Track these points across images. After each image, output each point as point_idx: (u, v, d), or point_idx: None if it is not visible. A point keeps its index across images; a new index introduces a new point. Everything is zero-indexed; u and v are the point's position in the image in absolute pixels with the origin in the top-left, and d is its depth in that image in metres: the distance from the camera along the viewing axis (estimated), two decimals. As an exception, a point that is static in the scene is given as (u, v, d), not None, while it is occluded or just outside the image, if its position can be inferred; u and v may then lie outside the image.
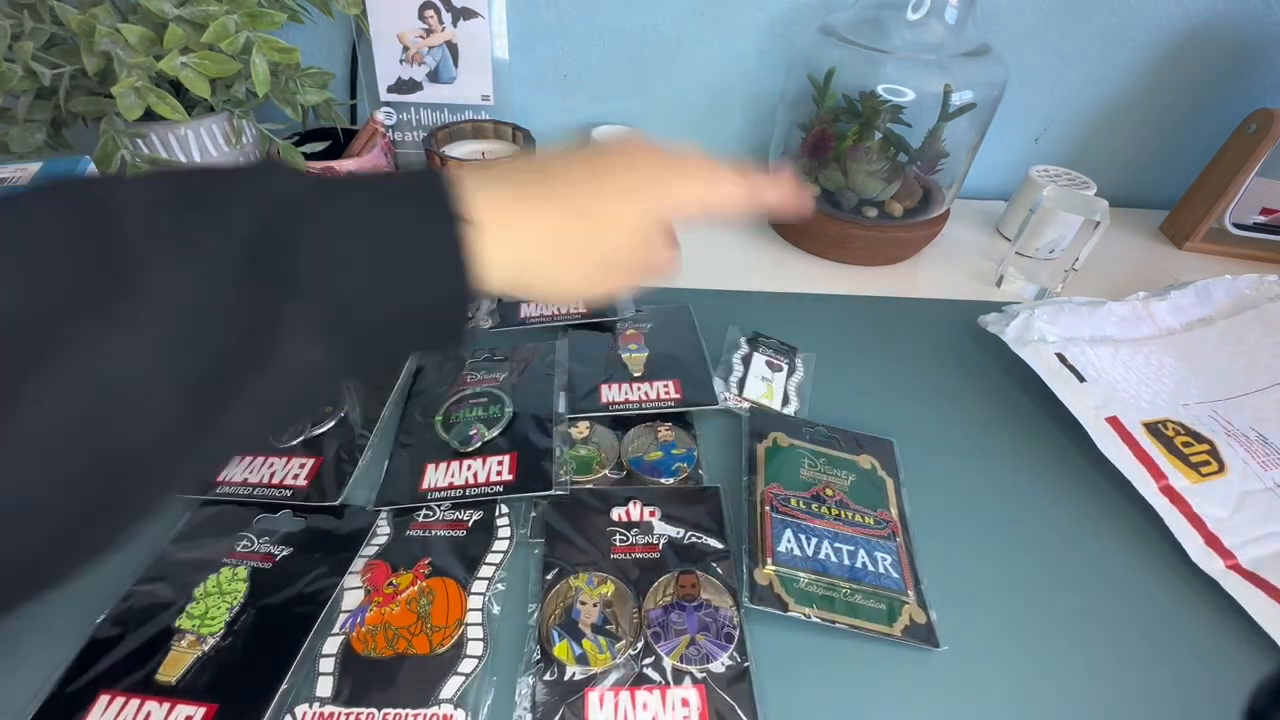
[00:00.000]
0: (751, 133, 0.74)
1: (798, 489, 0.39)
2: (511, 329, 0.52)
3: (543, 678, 0.31)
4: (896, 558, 0.36)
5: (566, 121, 0.73)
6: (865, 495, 0.39)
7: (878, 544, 0.37)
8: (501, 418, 0.43)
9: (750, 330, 0.51)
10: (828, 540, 0.36)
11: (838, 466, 0.41)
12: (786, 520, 0.37)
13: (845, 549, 0.36)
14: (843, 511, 0.38)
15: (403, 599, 0.34)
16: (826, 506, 0.38)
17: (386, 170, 0.61)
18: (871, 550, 0.36)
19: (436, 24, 0.64)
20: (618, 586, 0.34)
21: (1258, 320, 0.51)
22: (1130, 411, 0.45)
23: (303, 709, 0.29)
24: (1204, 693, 0.33)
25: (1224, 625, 0.35)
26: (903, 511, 0.40)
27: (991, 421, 0.47)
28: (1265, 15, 0.64)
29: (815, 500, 0.38)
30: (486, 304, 0.54)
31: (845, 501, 0.39)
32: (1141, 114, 0.72)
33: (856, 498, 0.39)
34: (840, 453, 0.42)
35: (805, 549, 0.36)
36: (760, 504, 0.38)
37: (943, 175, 0.60)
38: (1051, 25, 0.66)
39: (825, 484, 0.39)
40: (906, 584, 0.35)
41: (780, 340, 0.51)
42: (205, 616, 0.32)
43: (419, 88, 0.67)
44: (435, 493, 0.38)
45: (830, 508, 0.38)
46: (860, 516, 0.38)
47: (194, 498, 0.38)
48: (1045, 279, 0.59)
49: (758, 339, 0.50)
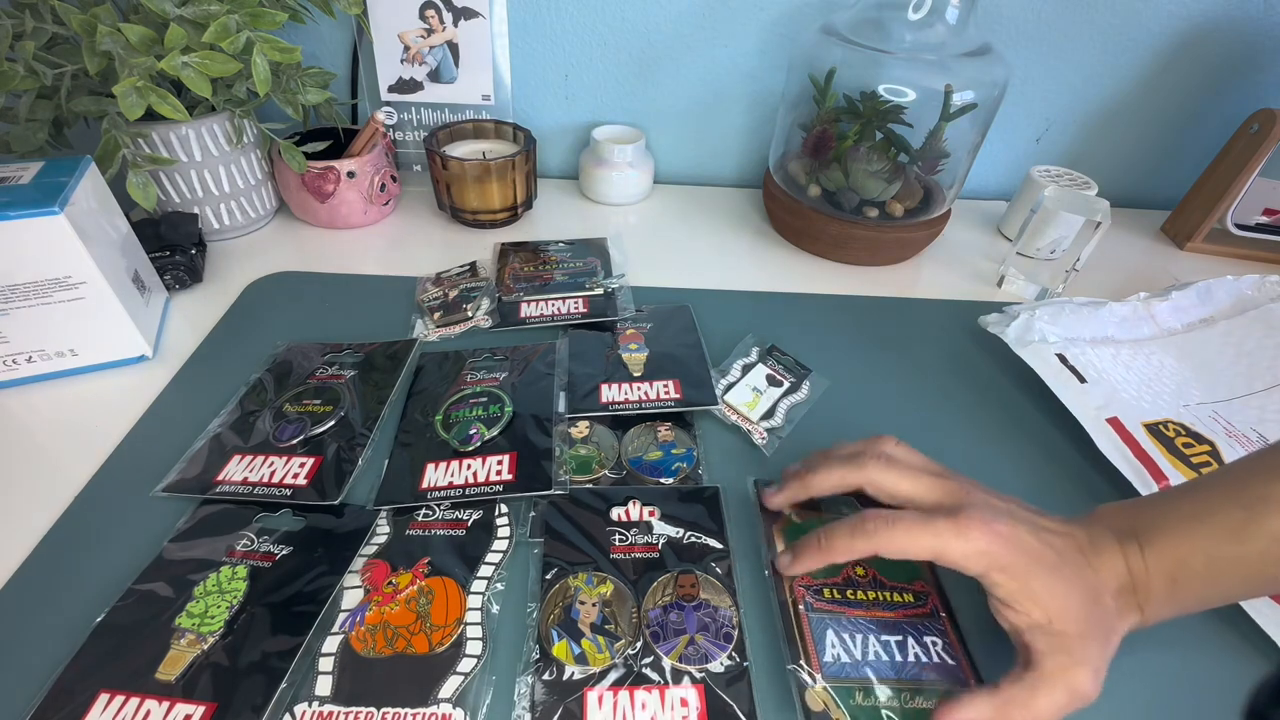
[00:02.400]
0: (752, 133, 0.74)
1: (828, 574, 0.36)
2: (511, 329, 0.52)
3: (542, 677, 0.31)
4: (946, 640, 0.33)
5: (567, 121, 0.73)
6: (895, 563, 0.36)
7: (924, 625, 0.34)
8: (501, 417, 0.43)
9: (769, 342, 0.50)
10: (873, 635, 0.33)
11: None
12: (825, 619, 0.34)
13: (893, 640, 0.33)
14: (879, 594, 0.35)
15: (402, 598, 0.34)
16: (861, 591, 0.35)
17: None
18: (921, 635, 0.33)
19: (437, 24, 0.64)
20: (617, 586, 0.34)
21: (1259, 321, 0.51)
22: (1131, 412, 0.45)
23: (302, 708, 0.29)
24: (1204, 693, 0.33)
25: (1224, 625, 0.35)
26: (936, 576, 0.37)
27: (992, 422, 0.47)
28: (1267, 15, 0.64)
29: (848, 586, 0.35)
30: (487, 304, 0.54)
31: (879, 580, 0.36)
32: (1143, 114, 0.72)
33: (888, 572, 0.36)
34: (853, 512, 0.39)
35: (852, 651, 0.32)
36: (792, 602, 0.34)
37: (944, 175, 0.60)
38: (1053, 25, 0.66)
39: (853, 561, 0.36)
40: (964, 671, 0.32)
41: (796, 359, 0.49)
42: (205, 615, 0.32)
43: (420, 87, 0.67)
44: (435, 492, 0.39)
45: (865, 591, 0.35)
46: (898, 595, 0.35)
47: (194, 496, 0.38)
48: (1046, 279, 0.59)
49: (771, 352, 0.50)
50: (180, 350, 0.49)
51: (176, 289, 0.54)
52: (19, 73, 0.46)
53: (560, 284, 0.56)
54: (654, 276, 0.59)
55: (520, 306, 0.53)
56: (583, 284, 0.56)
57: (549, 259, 0.59)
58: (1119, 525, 0.31)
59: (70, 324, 0.43)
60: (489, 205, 0.63)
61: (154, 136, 0.52)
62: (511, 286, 0.56)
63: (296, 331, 0.51)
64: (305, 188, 0.60)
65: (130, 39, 0.45)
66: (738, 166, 0.77)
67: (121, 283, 0.45)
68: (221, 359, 0.48)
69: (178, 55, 0.46)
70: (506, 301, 0.54)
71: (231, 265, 0.58)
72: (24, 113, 0.49)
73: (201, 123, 0.54)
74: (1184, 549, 0.29)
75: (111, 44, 0.45)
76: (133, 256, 0.48)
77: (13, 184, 0.40)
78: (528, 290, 0.55)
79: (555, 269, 0.58)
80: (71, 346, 0.44)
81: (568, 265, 0.58)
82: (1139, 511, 0.32)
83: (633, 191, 0.70)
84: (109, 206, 0.46)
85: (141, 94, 0.46)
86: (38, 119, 0.50)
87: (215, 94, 0.51)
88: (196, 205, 0.57)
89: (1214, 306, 0.53)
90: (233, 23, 0.47)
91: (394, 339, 0.50)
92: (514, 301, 0.54)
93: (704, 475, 0.41)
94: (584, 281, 0.56)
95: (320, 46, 0.67)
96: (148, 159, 0.51)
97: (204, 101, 0.53)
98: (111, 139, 0.48)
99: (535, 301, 0.54)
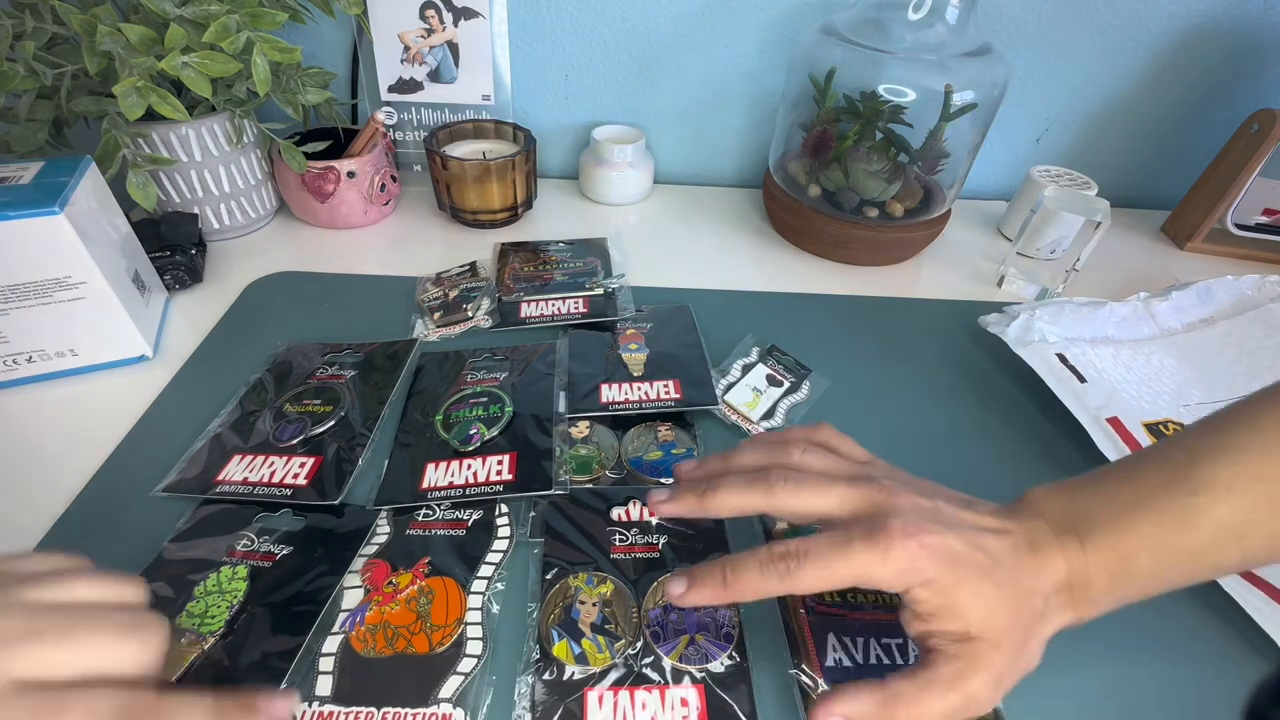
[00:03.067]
0: (752, 133, 0.74)
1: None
2: (511, 329, 0.52)
3: (542, 677, 0.31)
4: None
5: (567, 121, 0.73)
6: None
7: None
8: (501, 417, 0.43)
9: (769, 342, 0.50)
10: (874, 639, 0.33)
11: None
12: (826, 622, 0.34)
13: (894, 644, 0.33)
14: (879, 596, 0.35)
15: (402, 598, 0.34)
16: (862, 594, 0.35)
17: None
18: None
19: (437, 24, 0.64)
20: (617, 586, 0.34)
21: (1259, 321, 0.51)
22: (1131, 412, 0.45)
23: (302, 708, 0.29)
24: (1204, 693, 0.33)
25: (1224, 625, 0.35)
26: None
27: (992, 422, 0.47)
28: (1267, 15, 0.64)
29: (849, 588, 0.35)
30: (487, 304, 0.54)
31: None
32: (1143, 114, 0.72)
33: None
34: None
35: (854, 655, 0.32)
36: (794, 606, 0.34)
37: (944, 175, 0.60)
38: (1053, 25, 0.66)
39: None
40: None
41: (796, 359, 0.49)
42: (205, 615, 0.32)
43: (420, 87, 0.67)
44: (435, 492, 0.39)
45: (866, 594, 0.35)
46: (898, 597, 0.36)
47: (194, 496, 0.38)
48: (1046, 279, 0.59)
49: (772, 352, 0.50)
50: (180, 350, 0.49)
51: (176, 289, 0.54)
52: (19, 73, 0.46)
53: (560, 284, 0.56)
54: (654, 276, 0.59)
55: (520, 306, 0.53)
56: (583, 284, 0.56)
57: (549, 259, 0.59)
58: (1056, 517, 0.29)
59: (70, 324, 0.43)
60: (489, 205, 0.63)
61: (154, 136, 0.52)
62: (511, 286, 0.56)
63: (296, 331, 0.51)
64: (305, 188, 0.60)
65: (130, 39, 0.45)
66: (737, 166, 0.77)
67: (121, 283, 0.45)
68: (221, 359, 0.48)
69: (178, 55, 0.46)
70: (506, 301, 0.54)
71: (231, 265, 0.58)
72: (24, 113, 0.49)
73: (201, 123, 0.54)
74: (1128, 543, 0.27)
75: (111, 44, 0.45)
76: (133, 256, 0.48)
77: (13, 184, 0.40)
78: (528, 290, 0.55)
79: (555, 269, 0.58)
80: (71, 346, 0.44)
81: (567, 265, 0.58)
82: (1074, 498, 0.29)
83: (633, 191, 0.70)
84: (109, 206, 0.46)
85: (141, 94, 0.46)
86: (38, 119, 0.50)
87: (215, 94, 0.51)
88: (196, 205, 0.57)
89: (1214, 306, 0.53)
90: (233, 23, 0.47)
91: (394, 339, 0.50)
92: (514, 301, 0.54)
93: (704, 475, 0.41)
94: (584, 281, 0.56)
95: (320, 46, 0.67)
96: (148, 159, 0.51)
97: (204, 101, 0.53)
98: (111, 139, 0.48)
99: (535, 301, 0.54)
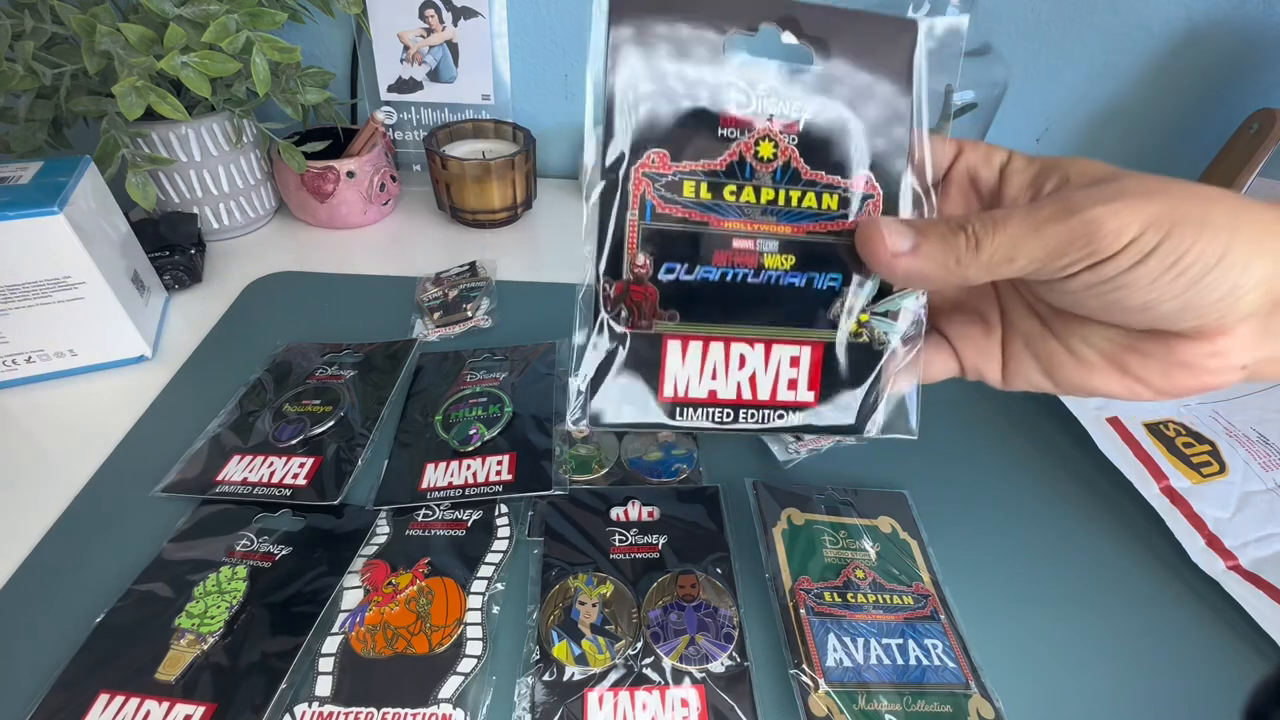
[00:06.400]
0: (752, 132, 0.74)
1: (827, 577, 0.36)
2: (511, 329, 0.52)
3: (542, 678, 0.31)
4: (947, 642, 0.33)
5: (567, 121, 0.73)
6: (895, 565, 0.37)
7: (924, 628, 0.34)
8: (501, 417, 0.43)
9: None
10: (874, 639, 0.33)
11: (859, 538, 0.38)
12: (826, 622, 0.34)
13: (894, 644, 0.33)
14: (879, 596, 0.35)
15: (402, 598, 0.34)
16: (862, 594, 0.35)
17: None
18: (921, 639, 0.33)
19: (437, 23, 0.64)
20: (617, 587, 0.34)
21: (1259, 321, 0.51)
22: (1131, 412, 0.45)
23: (302, 708, 0.29)
24: (1204, 693, 0.33)
25: (1224, 625, 0.35)
26: (935, 578, 0.37)
27: (991, 422, 0.47)
28: (1267, 15, 0.64)
29: (848, 588, 0.35)
30: (486, 303, 0.54)
31: (879, 583, 0.36)
32: (1142, 114, 0.72)
33: (888, 575, 0.36)
34: (857, 520, 0.39)
35: (854, 655, 0.32)
36: (794, 606, 0.34)
37: (943, 175, 0.60)
38: (1053, 25, 0.66)
39: (853, 564, 0.36)
40: (965, 673, 0.32)
41: None
42: (205, 615, 0.32)
43: (419, 87, 0.67)
44: (435, 492, 0.38)
45: (866, 594, 0.35)
46: (898, 598, 0.35)
47: (194, 497, 0.38)
48: (1046, 279, 0.59)
49: None
50: (180, 350, 0.49)
51: (176, 289, 0.54)
52: (18, 73, 0.46)
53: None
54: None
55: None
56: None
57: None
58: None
59: (70, 324, 0.43)
60: (488, 205, 0.63)
61: (153, 136, 0.52)
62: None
63: (296, 331, 0.51)
64: (305, 188, 0.59)
65: (130, 39, 0.45)
66: (737, 166, 0.76)
67: (121, 283, 0.45)
68: (221, 359, 0.48)
69: (177, 55, 0.46)
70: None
71: (231, 265, 0.58)
72: (23, 113, 0.49)
73: (201, 123, 0.54)
74: None
75: (111, 44, 0.45)
76: (132, 256, 0.48)
77: (12, 184, 0.40)
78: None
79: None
80: (71, 346, 0.44)
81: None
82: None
83: (632, 191, 0.70)
84: (108, 206, 0.46)
85: (141, 94, 0.46)
86: (37, 119, 0.50)
87: (215, 94, 0.51)
88: (196, 205, 0.57)
89: (1214, 306, 0.53)
90: (232, 22, 0.47)
91: (394, 339, 0.50)
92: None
93: (704, 475, 0.41)
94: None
95: (320, 46, 0.67)
96: (147, 159, 0.51)
97: (203, 101, 0.53)
98: (111, 139, 0.48)
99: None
